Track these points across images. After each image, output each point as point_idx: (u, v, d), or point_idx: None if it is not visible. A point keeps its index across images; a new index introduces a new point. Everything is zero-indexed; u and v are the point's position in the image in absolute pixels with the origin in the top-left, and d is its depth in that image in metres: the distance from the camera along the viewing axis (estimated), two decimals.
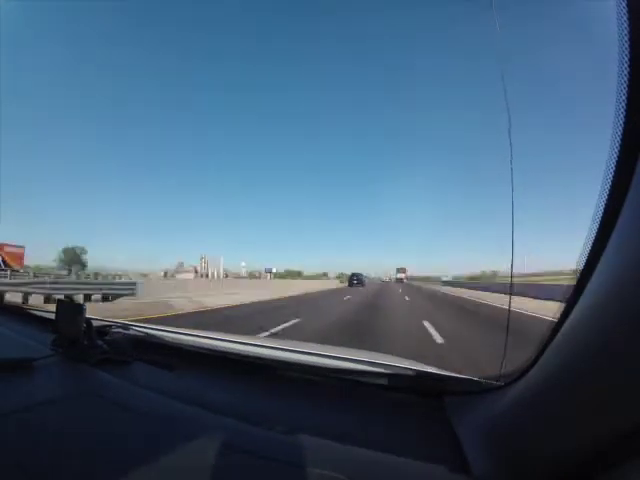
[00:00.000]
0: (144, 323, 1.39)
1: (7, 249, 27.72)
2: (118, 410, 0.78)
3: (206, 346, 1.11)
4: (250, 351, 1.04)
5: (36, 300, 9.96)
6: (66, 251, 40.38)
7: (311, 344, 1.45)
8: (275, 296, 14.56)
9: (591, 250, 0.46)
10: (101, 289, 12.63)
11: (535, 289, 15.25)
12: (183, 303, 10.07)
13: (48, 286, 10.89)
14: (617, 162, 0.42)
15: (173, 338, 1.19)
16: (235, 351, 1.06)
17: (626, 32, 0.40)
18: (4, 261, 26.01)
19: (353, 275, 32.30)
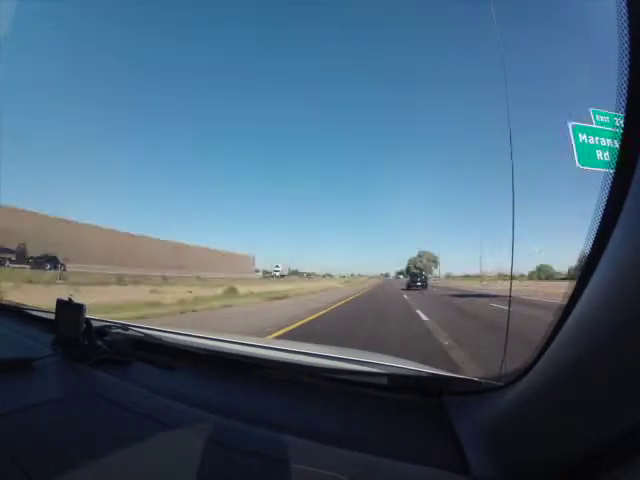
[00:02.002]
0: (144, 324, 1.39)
1: None
2: (118, 410, 0.78)
3: (205, 346, 1.11)
4: (249, 352, 1.04)
5: None
6: None
7: (310, 344, 1.44)
8: None
9: (591, 250, 0.46)
10: None
11: None
12: None
13: None
14: (617, 161, 0.42)
15: (172, 338, 1.18)
16: (234, 351, 1.06)
17: (626, 32, 0.40)
18: None
19: (413, 275, 30.39)
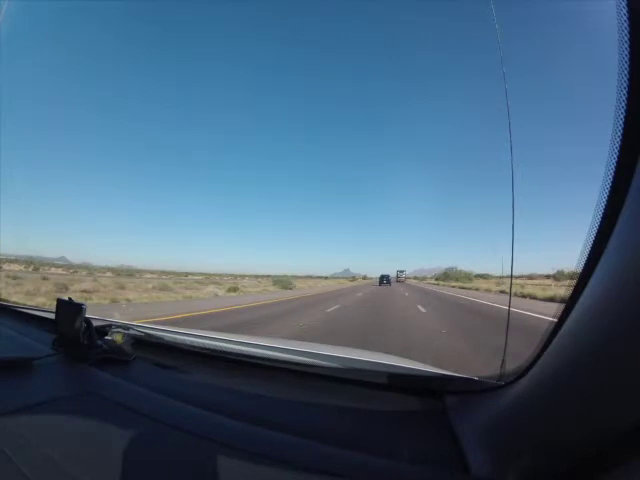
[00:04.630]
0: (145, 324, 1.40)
1: None
2: (118, 409, 0.78)
3: (205, 346, 1.11)
4: (250, 352, 1.04)
5: None
6: None
7: (311, 344, 1.44)
8: None
9: (591, 250, 0.46)
10: None
11: None
12: None
13: None
14: (617, 162, 0.42)
15: (173, 338, 1.19)
16: (235, 351, 1.06)
17: (626, 32, 0.40)
18: None
19: (382, 276, 44.08)
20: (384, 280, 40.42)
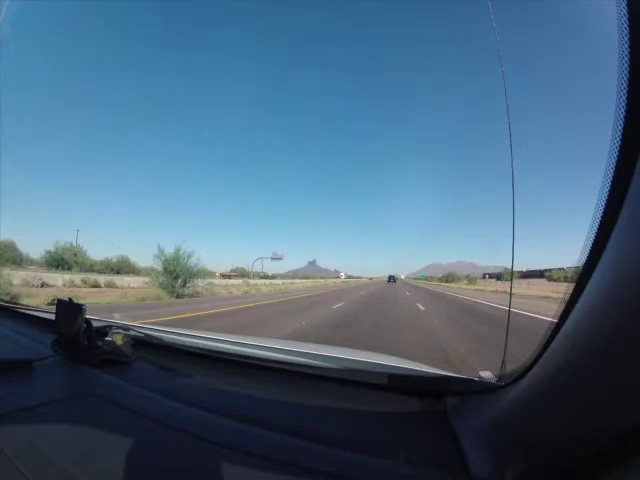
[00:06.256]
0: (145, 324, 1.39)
1: None
2: (118, 410, 0.78)
3: (206, 347, 1.11)
4: (250, 352, 1.04)
5: None
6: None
7: (311, 344, 1.44)
8: None
9: (591, 249, 0.46)
10: None
11: None
12: None
13: None
14: (617, 161, 0.42)
15: (173, 339, 1.18)
16: (234, 352, 1.06)
17: (626, 32, 0.40)
18: None
19: (390, 276, 58.36)
20: (392, 279, 54.80)
